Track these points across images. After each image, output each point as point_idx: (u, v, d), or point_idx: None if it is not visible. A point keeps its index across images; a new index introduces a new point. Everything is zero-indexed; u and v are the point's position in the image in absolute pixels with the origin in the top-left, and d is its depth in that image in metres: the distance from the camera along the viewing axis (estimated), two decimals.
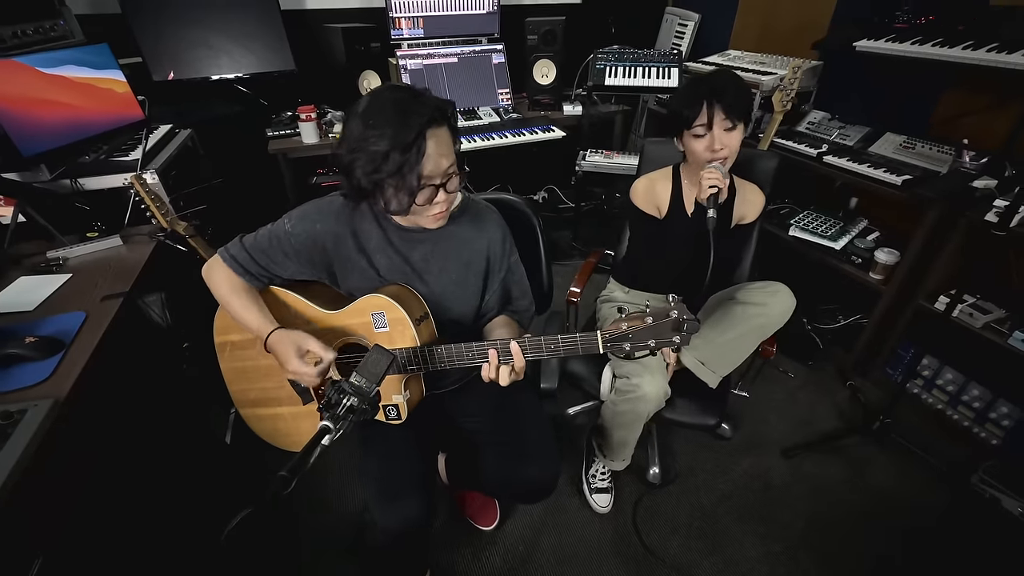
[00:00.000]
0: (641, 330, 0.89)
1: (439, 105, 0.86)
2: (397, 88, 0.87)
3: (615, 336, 0.90)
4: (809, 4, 2.27)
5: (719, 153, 1.22)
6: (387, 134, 0.81)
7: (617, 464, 1.51)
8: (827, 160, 1.93)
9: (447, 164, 0.88)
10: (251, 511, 0.64)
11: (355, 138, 0.84)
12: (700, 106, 1.19)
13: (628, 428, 1.37)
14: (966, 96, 1.83)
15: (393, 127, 0.81)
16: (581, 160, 2.58)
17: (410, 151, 0.81)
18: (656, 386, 1.26)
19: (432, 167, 0.85)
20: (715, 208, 1.20)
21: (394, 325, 1.01)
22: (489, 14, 2.56)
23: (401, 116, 0.81)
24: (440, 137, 0.85)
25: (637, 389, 1.27)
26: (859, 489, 1.63)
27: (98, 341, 1.07)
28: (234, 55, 2.15)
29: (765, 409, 1.91)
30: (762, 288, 1.31)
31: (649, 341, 0.89)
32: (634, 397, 1.28)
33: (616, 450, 1.46)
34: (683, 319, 0.87)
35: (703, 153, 1.23)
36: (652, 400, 1.26)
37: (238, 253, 1.01)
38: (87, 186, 1.48)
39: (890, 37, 1.81)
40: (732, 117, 1.18)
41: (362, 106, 0.85)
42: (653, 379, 1.26)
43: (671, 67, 2.37)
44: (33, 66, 1.21)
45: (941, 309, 1.68)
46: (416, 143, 0.81)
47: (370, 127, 0.82)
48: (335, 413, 0.79)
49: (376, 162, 0.82)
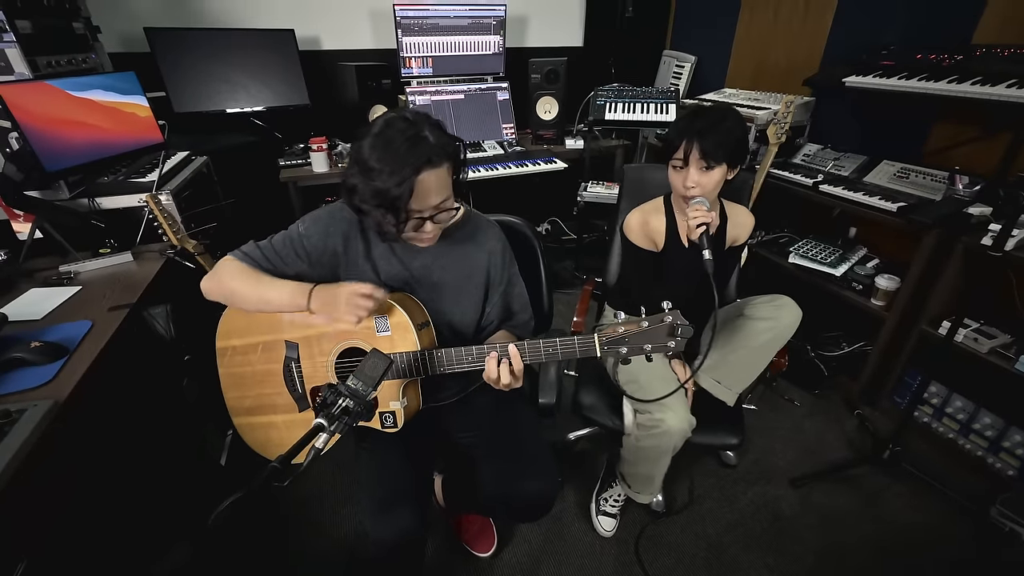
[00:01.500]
0: (637, 334, 0.90)
1: (442, 145, 0.89)
2: (407, 122, 0.89)
3: (612, 339, 0.91)
4: (800, 45, 2.38)
5: (690, 191, 1.21)
6: (386, 171, 0.85)
7: (643, 497, 1.44)
8: (823, 189, 1.97)
9: (438, 200, 0.91)
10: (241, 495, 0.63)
11: (358, 166, 0.89)
12: (682, 140, 1.19)
13: (653, 463, 1.33)
14: (956, 127, 1.88)
15: (391, 165, 0.85)
16: (583, 191, 2.65)
17: (401, 187, 0.85)
18: (679, 419, 1.24)
19: (421, 203, 0.90)
20: (710, 248, 1.15)
21: (396, 329, 1.03)
22: (495, 55, 2.70)
23: (401, 155, 0.85)
24: (435, 175, 0.89)
25: (661, 424, 1.23)
26: (873, 521, 1.56)
27: (101, 348, 1.08)
28: (251, 90, 2.27)
29: (771, 437, 1.87)
30: (768, 302, 1.32)
31: (645, 345, 0.90)
32: (658, 432, 1.25)
33: (643, 483, 1.41)
34: (677, 324, 0.88)
35: (678, 186, 1.24)
36: (677, 433, 1.24)
37: (251, 251, 1.05)
38: (104, 205, 1.54)
39: (877, 73, 1.89)
40: (709, 159, 1.17)
41: (371, 134, 0.88)
42: (676, 413, 1.24)
43: (669, 103, 2.47)
44: (63, 89, 1.30)
45: (944, 335, 1.66)
46: (408, 182, 0.85)
47: (372, 160, 0.87)
48: (330, 412, 0.79)
49: (370, 193, 0.88)
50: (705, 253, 1.16)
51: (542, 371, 1.27)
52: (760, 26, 2.57)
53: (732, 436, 1.33)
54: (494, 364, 0.98)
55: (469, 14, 2.53)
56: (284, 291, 1.01)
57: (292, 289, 1.00)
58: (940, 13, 1.87)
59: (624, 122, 2.51)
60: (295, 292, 1.00)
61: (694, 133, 1.17)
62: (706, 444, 1.34)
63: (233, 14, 2.29)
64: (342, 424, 0.81)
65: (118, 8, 2.02)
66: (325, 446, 0.81)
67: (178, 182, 1.66)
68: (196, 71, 2.13)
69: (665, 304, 0.89)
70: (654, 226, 1.38)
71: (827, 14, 2.26)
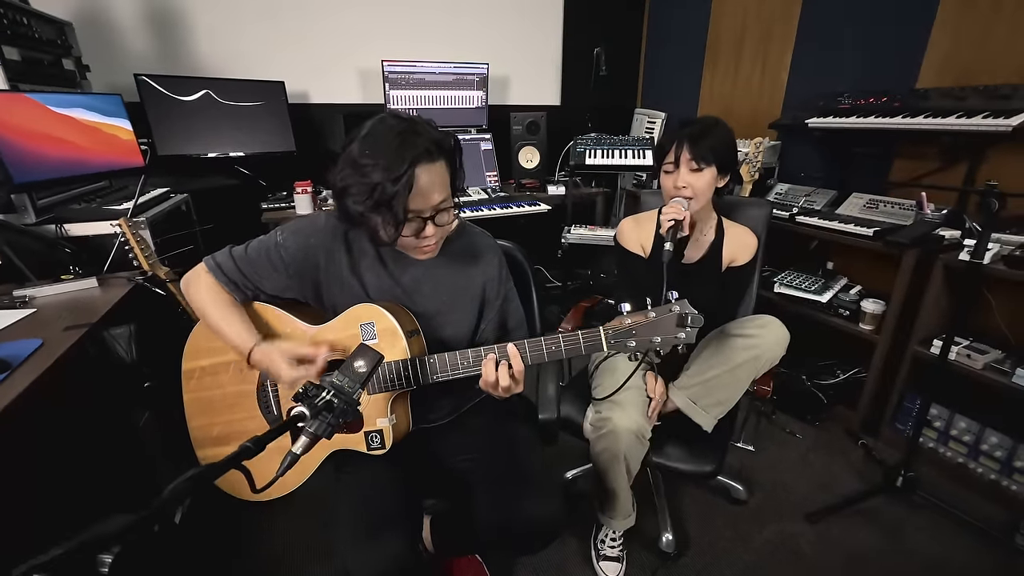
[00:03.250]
0: (644, 326, 0.85)
1: (437, 139, 0.85)
2: (399, 119, 0.85)
3: (619, 332, 0.85)
4: (761, 97, 2.58)
5: (682, 191, 1.24)
6: (380, 165, 0.80)
7: (618, 522, 1.34)
8: (800, 220, 2.04)
9: (438, 199, 0.87)
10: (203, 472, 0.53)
11: (351, 165, 0.83)
12: (672, 143, 1.24)
13: (608, 471, 1.25)
14: (914, 161, 2.01)
15: (387, 158, 0.80)
16: (567, 233, 2.68)
17: (399, 183, 0.80)
18: (628, 420, 1.17)
19: (421, 201, 0.84)
20: (672, 242, 1.16)
21: (384, 336, 0.95)
22: (478, 109, 2.83)
23: (396, 148, 0.81)
24: (433, 171, 0.84)
25: (607, 423, 1.18)
26: (899, 555, 1.45)
27: (48, 367, 0.96)
28: (238, 137, 2.29)
29: (778, 472, 1.77)
30: (752, 320, 1.27)
31: (654, 338, 0.85)
32: (605, 432, 1.19)
33: (609, 502, 1.32)
34: (686, 313, 0.84)
35: (670, 189, 1.27)
36: (623, 435, 1.17)
37: (224, 261, 0.97)
38: (73, 232, 1.46)
39: (836, 115, 2.04)
40: (698, 159, 1.20)
41: (362, 133, 0.85)
42: (625, 413, 1.18)
43: (645, 149, 2.59)
44: (44, 103, 1.27)
45: (937, 354, 1.66)
46: (406, 175, 0.80)
47: (365, 156, 0.82)
48: (312, 403, 0.70)
49: (366, 192, 0.82)
50: (666, 245, 1.17)
51: (541, 386, 1.19)
52: (722, 83, 2.79)
53: (706, 463, 1.23)
54: (492, 367, 0.90)
55: (453, 71, 2.67)
56: (233, 334, 0.96)
57: (241, 336, 0.95)
58: (884, 62, 2.06)
59: (604, 166, 2.61)
60: (243, 339, 0.95)
61: (685, 136, 1.22)
62: (674, 468, 1.25)
63: (225, 65, 2.36)
64: (324, 423, 0.72)
65: (112, 55, 2.06)
66: (303, 450, 0.72)
67: (155, 212, 1.60)
68: (184, 119, 2.15)
69: (671, 293, 0.86)
70: (644, 230, 1.39)
71: (782, 72, 2.47)
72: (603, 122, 3.03)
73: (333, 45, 2.54)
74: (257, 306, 1.03)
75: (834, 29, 2.22)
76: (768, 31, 2.49)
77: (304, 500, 1.59)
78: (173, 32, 2.21)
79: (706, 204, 1.30)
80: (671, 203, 1.23)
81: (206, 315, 0.97)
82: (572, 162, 2.62)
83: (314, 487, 1.64)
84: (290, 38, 2.45)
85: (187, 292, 1.00)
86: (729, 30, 2.69)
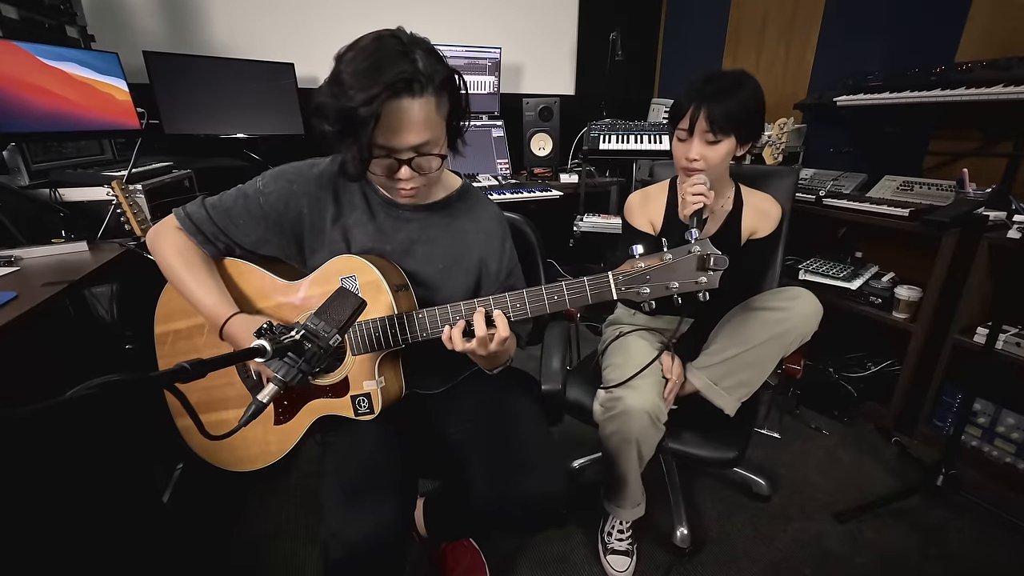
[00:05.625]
0: (659, 269, 0.75)
1: (432, 72, 0.73)
2: (397, 39, 0.74)
3: (630, 277, 0.76)
4: (784, 84, 2.46)
5: (693, 164, 1.09)
6: (355, 86, 0.70)
7: (625, 511, 1.23)
8: (828, 203, 1.92)
9: (416, 139, 0.75)
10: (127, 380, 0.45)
11: (331, 80, 0.74)
12: (688, 107, 1.07)
13: (618, 456, 1.14)
14: (953, 140, 1.88)
15: (364, 81, 0.70)
16: (579, 221, 2.59)
17: (368, 109, 0.69)
18: (643, 400, 1.06)
19: (390, 137, 0.74)
20: (700, 228, 1.01)
21: (367, 290, 0.87)
22: (490, 95, 2.77)
23: (373, 71, 0.70)
24: (417, 106, 0.73)
25: (619, 403, 1.07)
26: (939, 560, 1.31)
27: (17, 316, 0.90)
28: (246, 119, 2.26)
29: (804, 468, 1.64)
30: (779, 292, 1.14)
31: (671, 283, 0.75)
32: (617, 413, 1.08)
33: (618, 489, 1.21)
34: (707, 254, 0.74)
35: (680, 159, 1.11)
36: (636, 417, 1.06)
37: (195, 211, 0.90)
38: (68, 196, 1.42)
39: (867, 91, 1.92)
40: (716, 129, 1.05)
41: (355, 46, 0.75)
42: (639, 393, 1.07)
43: (662, 134, 2.50)
44: (33, 53, 1.23)
45: (982, 343, 1.52)
46: (376, 102, 0.69)
47: (347, 72, 0.72)
48: (276, 340, 0.62)
49: (333, 112, 0.72)
50: (693, 232, 1.02)
51: (544, 358, 1.11)
52: (744, 65, 2.67)
53: (728, 449, 1.12)
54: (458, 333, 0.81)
55: (465, 55, 2.62)
56: (206, 300, 0.87)
57: (215, 304, 0.87)
58: (921, 37, 1.94)
59: (619, 152, 2.52)
60: (216, 308, 0.87)
61: (703, 98, 1.05)
62: (692, 454, 1.14)
63: (235, 46, 2.34)
64: (292, 368, 0.64)
65: (121, 33, 2.05)
66: (270, 398, 0.64)
67: (154, 181, 1.56)
68: (193, 98, 2.12)
69: (691, 232, 0.76)
70: (653, 206, 1.28)
71: (808, 52, 2.36)
72: (618, 112, 2.94)
73: (343, 26, 2.51)
74: (226, 260, 0.96)
75: (864, 6, 2.11)
76: (794, 10, 2.38)
77: (298, 482, 1.53)
78: (184, 11, 2.20)
79: (722, 174, 1.18)
80: (693, 181, 1.05)
81: (174, 277, 0.89)
82: (586, 147, 2.54)
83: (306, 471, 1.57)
84: (299, 19, 2.43)
85: (153, 249, 0.91)
86: (752, 9, 2.59)
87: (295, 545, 1.33)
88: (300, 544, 1.33)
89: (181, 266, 0.89)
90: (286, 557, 1.30)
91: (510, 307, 0.81)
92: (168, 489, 1.46)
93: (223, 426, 0.97)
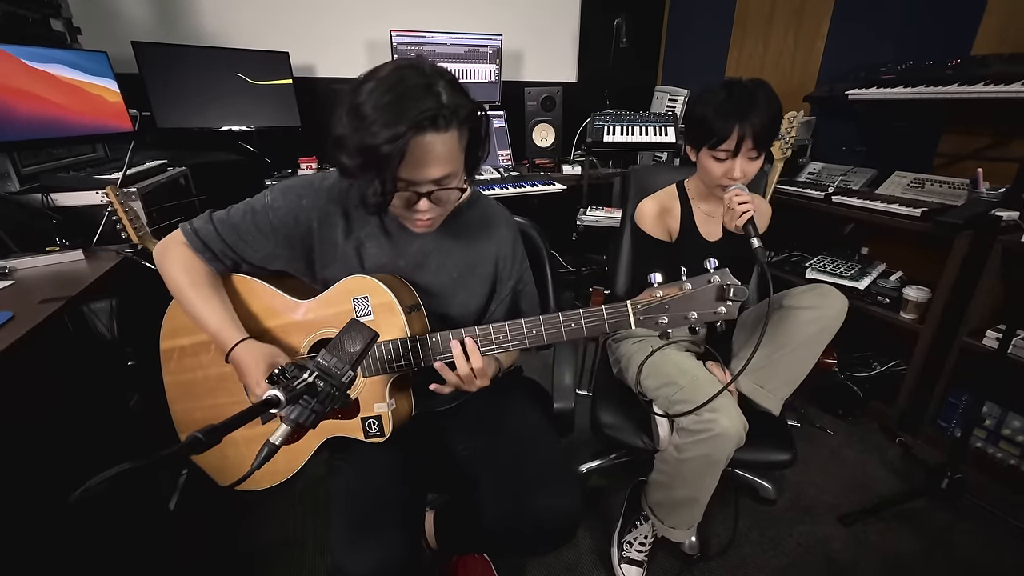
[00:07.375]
0: (679, 299, 0.73)
1: (456, 106, 0.71)
2: (419, 71, 0.72)
3: (649, 307, 0.74)
4: (793, 74, 2.40)
5: (736, 180, 1.09)
6: (379, 122, 0.68)
7: (680, 533, 1.21)
8: (837, 200, 1.89)
9: (438, 172, 0.74)
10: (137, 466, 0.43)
11: (351, 112, 0.71)
12: (732, 127, 1.04)
13: (699, 480, 1.11)
14: (965, 136, 1.84)
15: (388, 116, 0.68)
16: (582, 215, 2.55)
17: (393, 145, 0.68)
18: (733, 420, 1.04)
19: (414, 172, 0.72)
20: (758, 235, 1.02)
21: (380, 311, 0.85)
22: (491, 83, 2.70)
23: (399, 106, 0.68)
24: (439, 141, 0.71)
25: (714, 425, 1.03)
26: (945, 562, 1.33)
27: (16, 340, 0.88)
28: (240, 110, 2.19)
29: (809, 469, 1.64)
30: (808, 290, 1.17)
31: (690, 313, 0.73)
32: (710, 436, 1.03)
33: (680, 512, 1.18)
34: (727, 284, 0.72)
35: (719, 177, 1.11)
36: (732, 437, 1.03)
37: (202, 227, 0.87)
38: (60, 202, 1.38)
39: (880, 84, 1.87)
40: (760, 147, 1.06)
41: (375, 77, 0.71)
42: (728, 414, 1.04)
43: (667, 126, 2.44)
44: (17, 56, 1.17)
45: (992, 346, 1.51)
46: (402, 139, 0.68)
47: (368, 106, 0.69)
48: (289, 386, 0.60)
49: (355, 147, 0.70)
50: (754, 241, 1.02)
51: (556, 376, 1.09)
52: (750, 56, 2.62)
53: (783, 452, 1.13)
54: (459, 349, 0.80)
55: (465, 42, 2.54)
56: (213, 321, 0.85)
57: (222, 327, 0.85)
58: (936, 27, 1.88)
59: (624, 144, 2.47)
60: (224, 331, 0.85)
61: (745, 118, 1.03)
62: (754, 461, 1.13)
63: (227, 35, 2.26)
64: (306, 410, 0.62)
65: (107, 22, 1.97)
66: (282, 440, 0.62)
67: (149, 183, 1.51)
68: (185, 89, 2.05)
69: (710, 262, 0.74)
70: (671, 215, 1.26)
71: (817, 42, 2.29)
72: (622, 100, 2.87)
73: (340, 15, 2.42)
74: (234, 276, 0.93)
75: None
76: None
77: (306, 488, 1.52)
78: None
79: None
80: (738, 192, 1.07)
81: (180, 295, 0.87)
82: (589, 139, 2.48)
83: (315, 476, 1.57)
84: (295, 7, 2.34)
85: (160, 266, 0.89)
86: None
87: (304, 553, 1.33)
88: (309, 553, 1.33)
89: (187, 285, 0.87)
90: (295, 566, 1.30)
91: (526, 334, 0.79)
92: (174, 495, 1.46)
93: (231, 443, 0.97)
